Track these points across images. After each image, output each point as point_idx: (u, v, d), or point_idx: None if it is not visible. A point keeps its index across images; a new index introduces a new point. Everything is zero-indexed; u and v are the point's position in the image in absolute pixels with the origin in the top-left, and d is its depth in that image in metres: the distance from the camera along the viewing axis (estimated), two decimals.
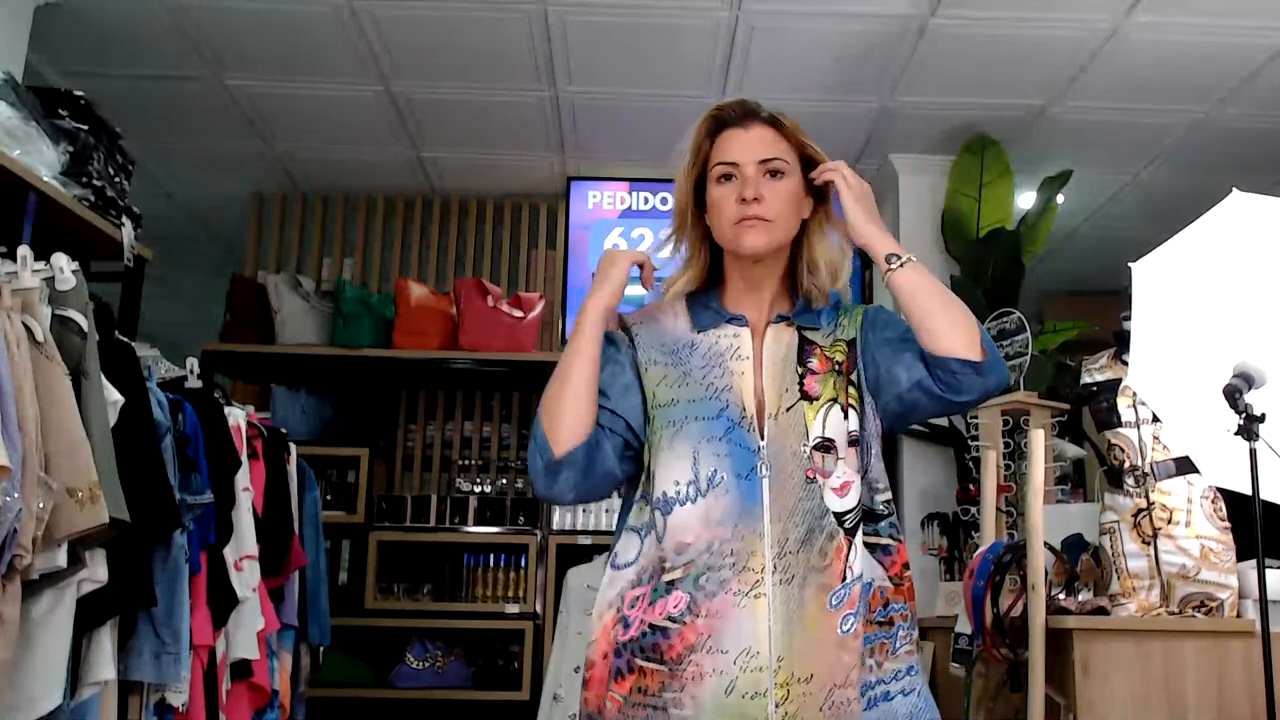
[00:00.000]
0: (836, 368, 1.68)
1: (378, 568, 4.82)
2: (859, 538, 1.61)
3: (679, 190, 1.75)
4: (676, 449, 1.62)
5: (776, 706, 1.51)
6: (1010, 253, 4.58)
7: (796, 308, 1.74)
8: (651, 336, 1.72)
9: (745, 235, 1.67)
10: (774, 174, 1.70)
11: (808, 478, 1.60)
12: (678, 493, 1.59)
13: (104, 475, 2.25)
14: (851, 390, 1.68)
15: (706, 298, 1.75)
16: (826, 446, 1.63)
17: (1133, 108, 4.53)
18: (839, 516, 1.61)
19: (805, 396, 1.64)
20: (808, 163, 1.77)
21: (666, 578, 1.56)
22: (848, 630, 1.56)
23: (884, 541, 1.66)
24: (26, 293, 2.26)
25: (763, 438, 1.61)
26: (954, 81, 4.40)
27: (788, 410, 1.63)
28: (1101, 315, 4.12)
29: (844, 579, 1.57)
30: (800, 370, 1.67)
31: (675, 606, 1.55)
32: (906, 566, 1.67)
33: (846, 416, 1.65)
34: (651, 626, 1.55)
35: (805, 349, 1.69)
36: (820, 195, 1.78)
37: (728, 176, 1.70)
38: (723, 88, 4.49)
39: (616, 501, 1.81)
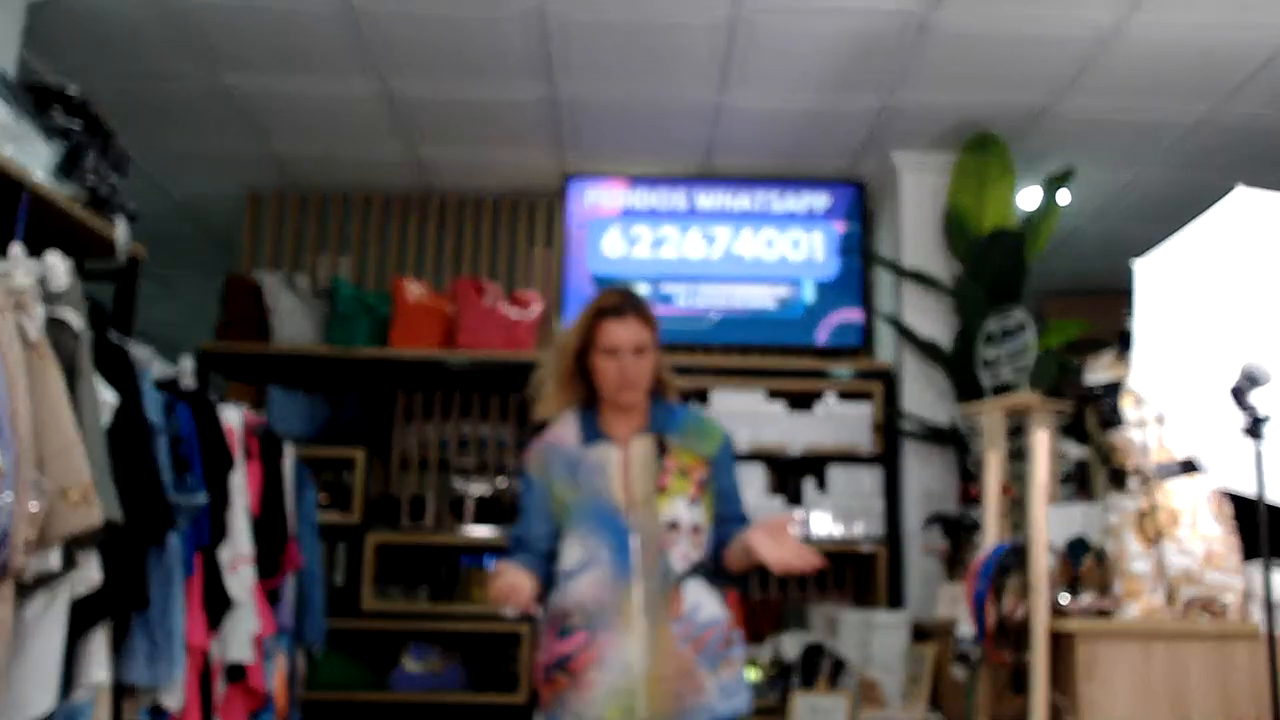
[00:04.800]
0: (683, 471, 2.41)
1: (374, 569, 4.80)
2: (687, 586, 2.34)
3: (566, 350, 2.46)
4: (572, 537, 2.38)
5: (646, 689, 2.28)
6: (1013, 251, 4.56)
7: (653, 422, 2.46)
8: (557, 458, 2.45)
9: (623, 394, 2.42)
10: (641, 354, 2.41)
11: (661, 549, 2.34)
12: (573, 565, 2.35)
13: (97, 476, 2.23)
14: (705, 498, 2.42)
15: (590, 416, 2.48)
16: (674, 526, 2.36)
17: (1136, 105, 4.51)
18: (674, 574, 2.34)
19: (660, 490, 2.37)
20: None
21: (570, 623, 2.33)
22: (683, 648, 2.29)
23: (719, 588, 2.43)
24: (20, 292, 2.23)
25: (630, 519, 2.34)
26: (956, 79, 4.38)
27: (646, 501, 2.36)
28: (1105, 314, 4.09)
29: (678, 615, 2.31)
30: (659, 466, 2.39)
31: (578, 640, 2.30)
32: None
33: (690, 507, 2.38)
34: (562, 653, 2.32)
35: (662, 450, 2.42)
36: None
37: (611, 354, 2.40)
38: (721, 86, 4.46)
39: None
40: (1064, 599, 3.12)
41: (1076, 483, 3.73)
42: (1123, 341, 3.35)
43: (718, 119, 4.79)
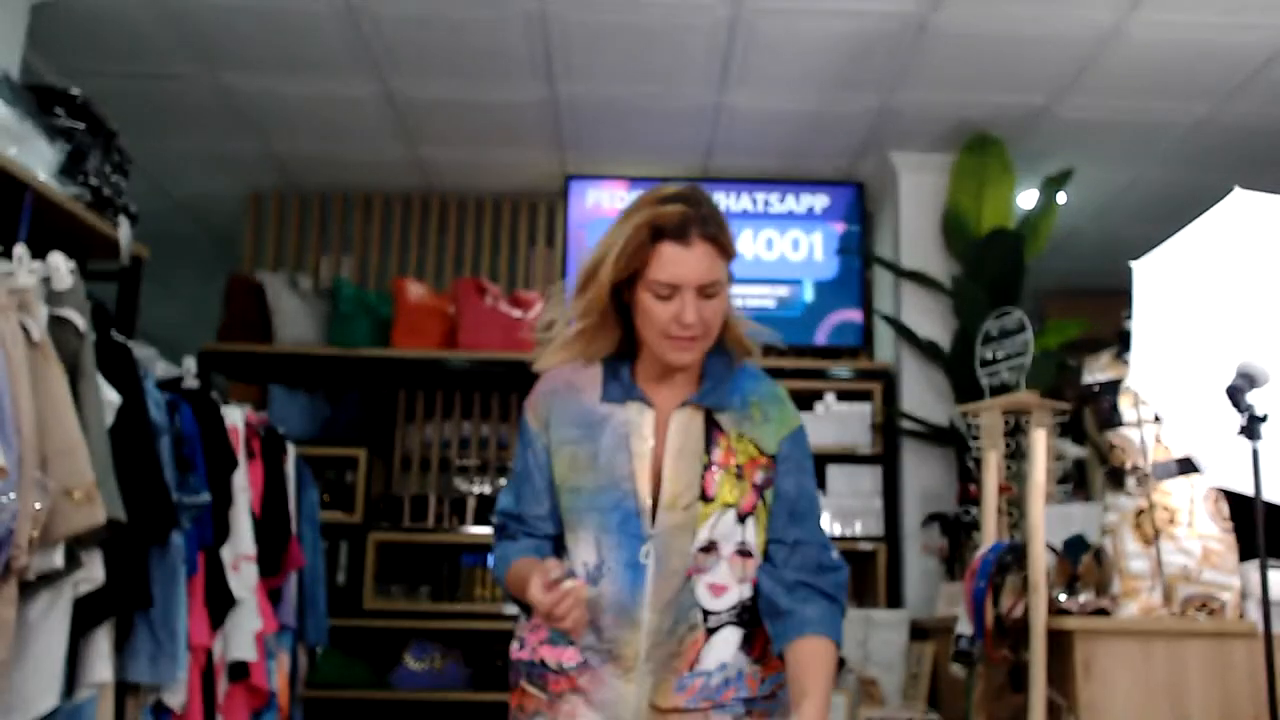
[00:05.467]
0: (738, 471, 1.74)
1: (376, 568, 4.81)
2: (720, 636, 1.74)
3: (603, 272, 1.71)
4: (580, 535, 1.74)
5: None
6: (1012, 252, 4.57)
7: (704, 389, 1.76)
8: (566, 413, 1.78)
9: (676, 352, 1.70)
10: (710, 296, 1.69)
11: (687, 576, 1.71)
12: (585, 573, 1.72)
13: (101, 476, 2.24)
14: (760, 506, 1.76)
15: (619, 367, 1.78)
16: (710, 548, 1.72)
17: (1136, 105, 4.51)
18: (707, 614, 1.73)
19: (703, 496, 1.72)
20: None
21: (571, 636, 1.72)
22: (689, 709, 1.70)
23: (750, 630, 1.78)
24: (23, 292, 2.25)
25: (653, 527, 1.71)
26: (955, 79, 4.38)
27: (684, 509, 1.70)
28: (1104, 314, 4.10)
29: (691, 668, 1.71)
30: (705, 460, 1.73)
31: (569, 659, 1.73)
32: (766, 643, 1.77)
33: (742, 522, 1.74)
34: (543, 660, 1.75)
35: (711, 434, 1.74)
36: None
37: (667, 294, 1.68)
38: (721, 86, 4.47)
39: None
40: (1062, 598, 3.13)
41: (1075, 482, 3.74)
42: (1122, 341, 3.36)
43: (717, 120, 4.80)
